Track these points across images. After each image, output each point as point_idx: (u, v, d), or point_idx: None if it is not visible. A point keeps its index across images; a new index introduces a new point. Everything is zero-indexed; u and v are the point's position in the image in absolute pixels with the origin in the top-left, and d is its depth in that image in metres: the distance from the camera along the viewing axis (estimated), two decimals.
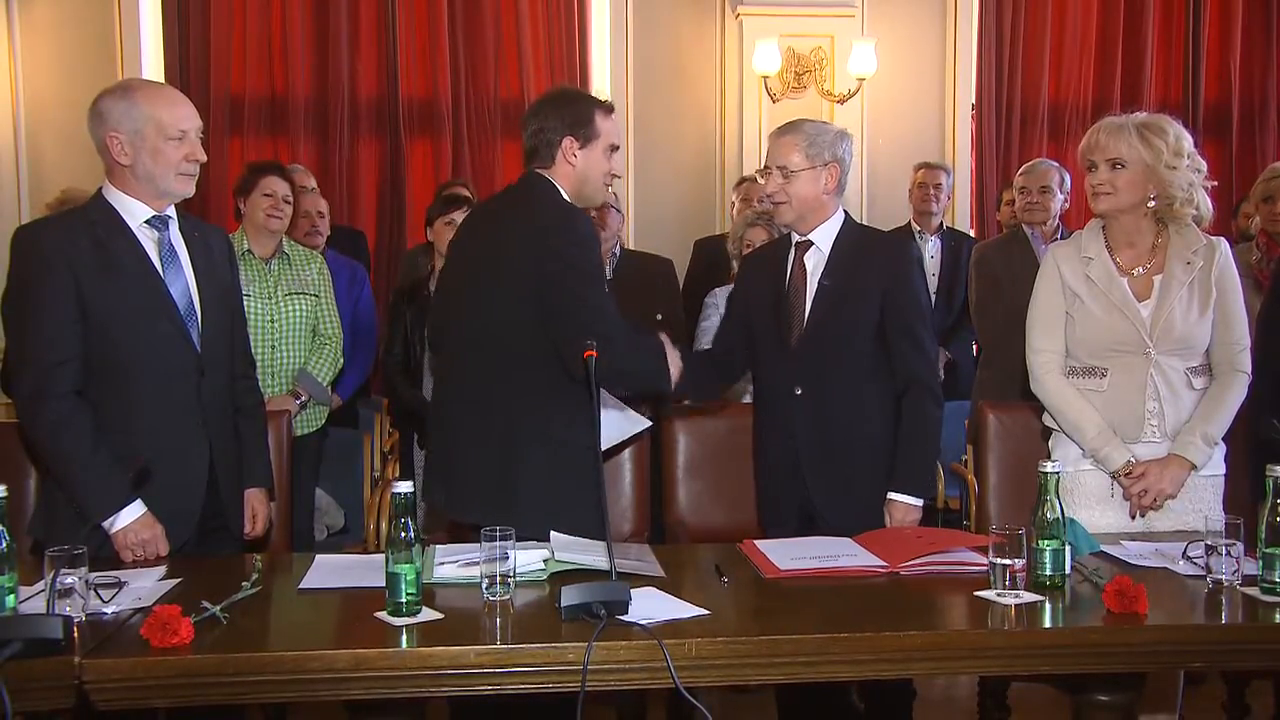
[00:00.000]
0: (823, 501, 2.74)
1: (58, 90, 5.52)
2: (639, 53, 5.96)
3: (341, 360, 3.85)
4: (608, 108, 2.62)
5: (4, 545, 1.83)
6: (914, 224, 5.04)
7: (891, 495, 2.72)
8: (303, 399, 3.67)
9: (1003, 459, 3.09)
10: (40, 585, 1.91)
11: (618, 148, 2.64)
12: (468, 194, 4.41)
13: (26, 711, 1.71)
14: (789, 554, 2.38)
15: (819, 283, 2.77)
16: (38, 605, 1.88)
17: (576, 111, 2.56)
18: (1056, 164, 4.34)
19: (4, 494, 1.86)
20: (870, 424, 2.75)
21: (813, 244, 2.79)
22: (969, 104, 6.16)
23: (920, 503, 2.72)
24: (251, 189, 3.67)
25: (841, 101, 5.75)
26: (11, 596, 1.84)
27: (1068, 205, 4.33)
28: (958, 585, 2.17)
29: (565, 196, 2.57)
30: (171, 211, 2.46)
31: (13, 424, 2.56)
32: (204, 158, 2.45)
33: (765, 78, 5.73)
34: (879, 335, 2.74)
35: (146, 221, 2.42)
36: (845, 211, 2.84)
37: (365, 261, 4.81)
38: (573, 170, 2.58)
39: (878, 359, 2.75)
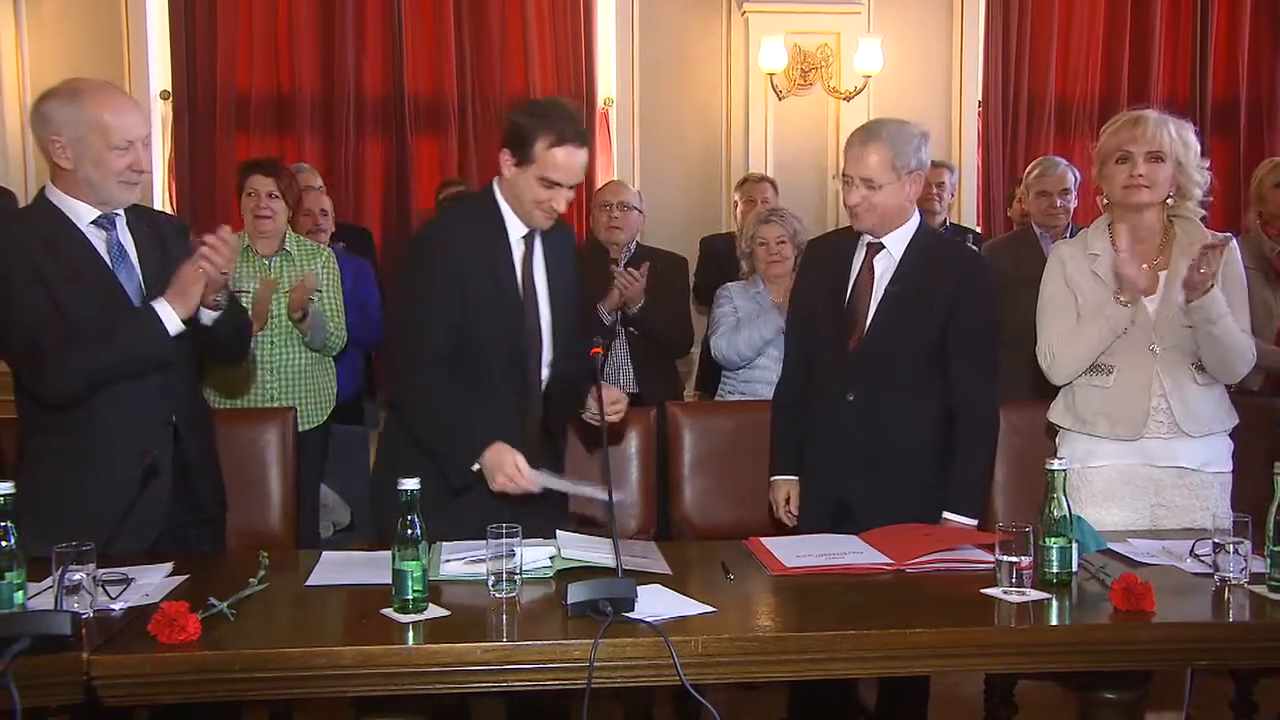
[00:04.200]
0: (863, 510, 2.64)
1: None
2: (644, 50, 5.96)
3: (341, 344, 3.83)
4: (567, 140, 2.43)
5: (11, 542, 1.83)
6: None
7: (947, 515, 2.64)
8: (301, 315, 3.59)
9: (1009, 457, 3.08)
10: (48, 582, 1.91)
11: (555, 184, 2.45)
12: (472, 191, 4.42)
13: (33, 707, 1.71)
14: (795, 551, 2.37)
15: (886, 288, 2.69)
16: (46, 602, 1.88)
17: (521, 130, 2.45)
18: (1067, 163, 4.32)
19: (10, 491, 1.86)
20: (918, 437, 2.69)
21: (884, 247, 2.72)
22: (975, 100, 6.15)
23: (975, 523, 2.65)
24: (239, 189, 3.68)
25: (848, 99, 5.74)
26: (20, 593, 1.84)
27: (1076, 203, 4.31)
28: (964, 582, 2.16)
29: (502, 207, 2.55)
30: (117, 210, 2.42)
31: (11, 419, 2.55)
32: (148, 168, 2.42)
33: (771, 75, 5.72)
34: (937, 348, 2.68)
35: (93, 222, 2.39)
36: (921, 214, 2.78)
37: (371, 259, 4.81)
38: (507, 182, 2.53)
39: (931, 372, 2.69)
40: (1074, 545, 2.12)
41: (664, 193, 5.52)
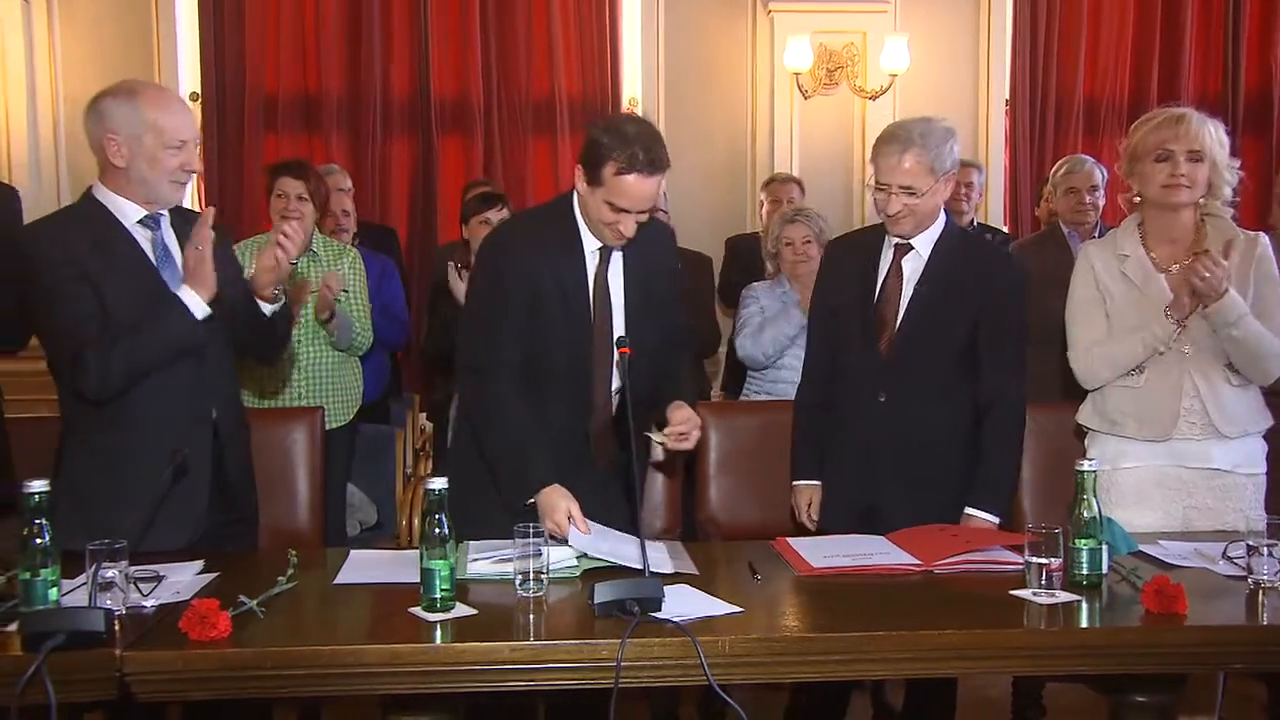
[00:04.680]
0: (893, 510, 2.63)
1: (96, 88, 5.57)
2: (670, 50, 5.96)
3: (368, 344, 3.85)
4: (636, 168, 2.35)
5: (46, 539, 1.85)
6: None
7: (971, 511, 2.62)
8: (328, 315, 3.61)
9: (1037, 458, 3.05)
10: (82, 579, 1.93)
11: (623, 209, 2.39)
12: (500, 192, 4.43)
13: (67, 703, 1.72)
14: (822, 552, 2.37)
15: (916, 288, 2.68)
16: (80, 598, 1.89)
17: (594, 149, 2.40)
18: (1094, 160, 4.29)
19: (45, 488, 1.88)
20: (949, 437, 2.69)
21: (913, 248, 2.70)
22: (1003, 99, 6.11)
23: (998, 521, 2.64)
24: (269, 191, 3.70)
25: (874, 98, 5.72)
26: (54, 590, 1.86)
27: (1104, 202, 4.27)
28: (993, 584, 2.15)
29: (578, 219, 2.51)
30: (163, 209, 2.45)
31: (54, 418, 2.58)
32: (199, 168, 2.44)
33: (797, 74, 5.71)
34: (967, 348, 2.67)
35: (140, 221, 2.42)
36: (946, 213, 2.75)
37: (397, 258, 4.83)
38: (581, 197, 2.49)
39: (961, 371, 2.68)
40: (1104, 547, 2.11)
41: (689, 193, 5.52)
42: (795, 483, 2.87)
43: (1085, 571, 2.08)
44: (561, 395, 2.53)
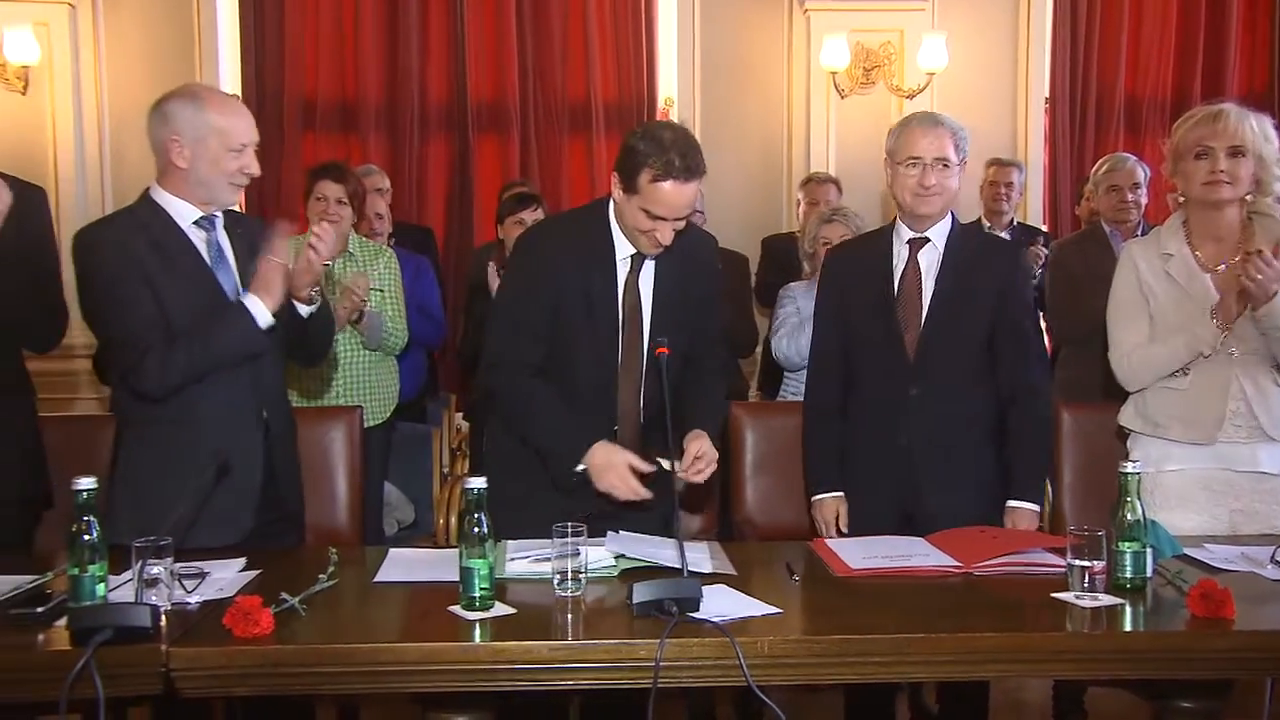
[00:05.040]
0: (936, 505, 2.64)
1: (140, 95, 5.62)
2: (705, 50, 5.95)
3: (403, 343, 3.87)
4: (672, 174, 2.35)
5: (94, 535, 1.88)
6: (984, 220, 4.96)
7: (1016, 504, 2.65)
8: (357, 316, 3.63)
9: (1078, 460, 3.03)
10: (128, 575, 1.96)
11: (659, 217, 2.40)
12: (535, 192, 4.44)
13: (114, 697, 1.75)
14: (860, 553, 2.36)
15: (935, 282, 2.69)
16: (126, 594, 1.92)
17: (630, 156, 2.40)
18: (1136, 158, 4.23)
19: (93, 485, 1.90)
20: (978, 428, 2.71)
21: (929, 241, 2.72)
22: (1042, 98, 6.03)
23: (1039, 509, 2.67)
24: (308, 194, 3.72)
25: (911, 96, 5.68)
26: (101, 585, 1.89)
27: (1147, 200, 4.22)
28: (1034, 586, 2.13)
29: (611, 225, 2.52)
30: (218, 211, 2.50)
31: (100, 417, 2.62)
32: (258, 172, 2.48)
33: (833, 73, 5.68)
34: (990, 338, 2.69)
35: (195, 222, 2.46)
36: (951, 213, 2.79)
37: (434, 259, 4.86)
38: (616, 204, 2.49)
39: (984, 362, 2.70)
40: (1149, 550, 2.08)
41: (725, 193, 5.50)
42: (819, 497, 2.82)
43: (1129, 574, 2.05)
44: (586, 400, 2.54)
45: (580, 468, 2.41)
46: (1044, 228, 5.78)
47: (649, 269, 2.55)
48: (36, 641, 1.82)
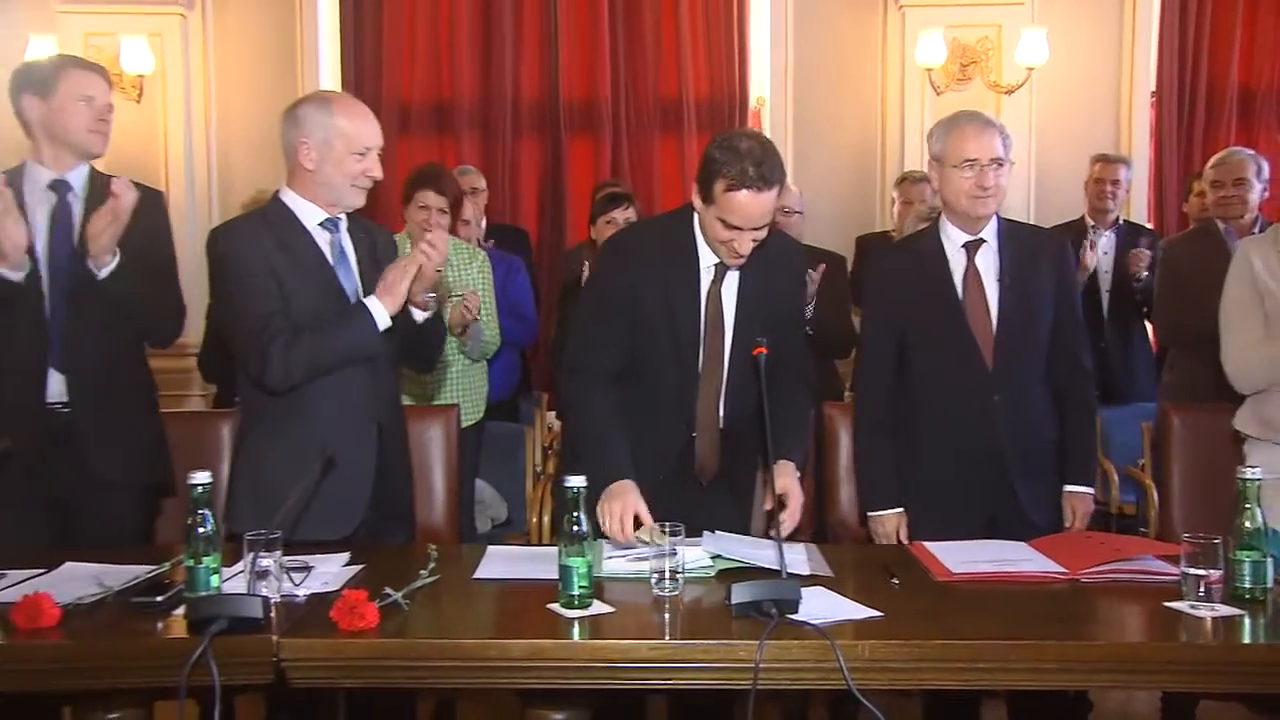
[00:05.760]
0: (1031, 505, 2.64)
1: (245, 101, 5.86)
2: (799, 48, 5.91)
3: (496, 347, 3.92)
4: (746, 184, 2.32)
5: (209, 528, 1.94)
6: (1088, 218, 4.82)
7: (1076, 488, 2.69)
8: (462, 329, 3.68)
9: (1188, 464, 2.94)
10: (239, 566, 2.02)
11: (736, 227, 2.37)
12: (627, 192, 4.46)
13: (227, 685, 1.79)
14: (962, 557, 2.32)
15: (999, 283, 2.66)
16: (237, 585, 1.98)
17: (707, 166, 2.38)
18: (1252, 152, 4.06)
19: (208, 480, 1.97)
20: (1051, 421, 2.72)
21: (985, 241, 2.69)
22: (1148, 91, 5.84)
23: (1093, 492, 2.76)
24: (409, 200, 3.78)
25: (1009, 92, 5.56)
26: (215, 576, 1.95)
27: (1266, 195, 4.05)
28: (1145, 595, 2.07)
29: (696, 234, 2.51)
30: (342, 213, 2.57)
31: (213, 414, 2.70)
32: (380, 175, 2.54)
33: (929, 70, 5.59)
34: (1053, 329, 2.70)
35: (320, 223, 2.54)
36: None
37: (528, 259, 4.91)
38: (698, 216, 2.49)
39: (1044, 356, 2.71)
40: (1269, 560, 2.00)
41: (818, 192, 5.45)
42: (880, 513, 2.77)
43: (1248, 585, 1.98)
44: (665, 407, 2.56)
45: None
46: (1149, 226, 5.61)
47: (733, 278, 2.54)
48: (155, 629, 1.89)
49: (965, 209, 2.64)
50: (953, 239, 2.71)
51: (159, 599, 1.95)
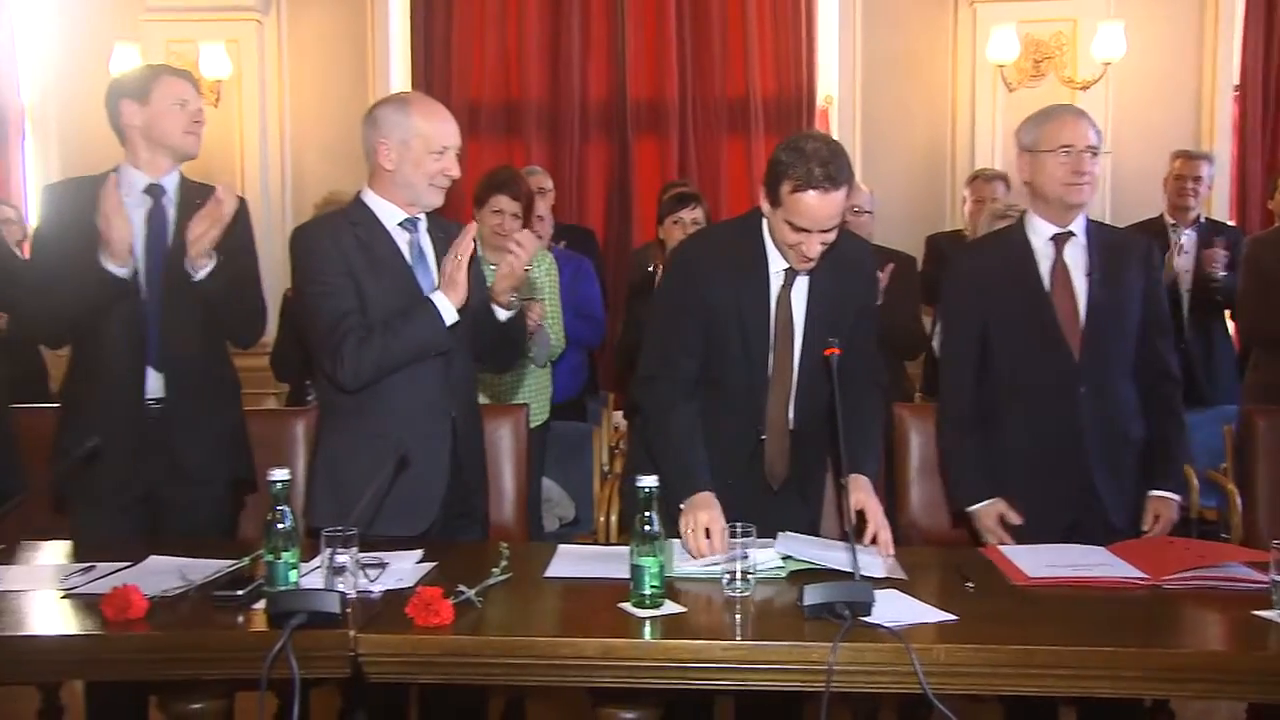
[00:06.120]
0: (1112, 507, 2.61)
1: (317, 105, 5.97)
2: (868, 45, 5.86)
3: (561, 348, 3.93)
4: (813, 185, 2.29)
5: (288, 524, 1.98)
6: (1167, 216, 4.71)
7: (1162, 493, 2.62)
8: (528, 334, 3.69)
9: (1273, 469, 2.85)
10: (316, 561, 2.06)
11: (804, 230, 2.35)
12: (695, 192, 4.45)
13: (305, 678, 1.83)
14: (1039, 561, 2.28)
15: (1087, 277, 2.64)
16: (315, 581, 2.01)
17: (773, 168, 2.37)
18: None
19: (287, 477, 2.01)
20: (1136, 419, 2.67)
21: (1073, 235, 2.66)
22: (1230, 85, 5.69)
23: (1179, 498, 2.67)
24: (483, 203, 3.81)
25: (1085, 88, 5.45)
26: (294, 571, 1.99)
27: None
28: (1231, 602, 2.01)
29: (765, 238, 2.50)
30: (421, 213, 2.61)
31: (288, 411, 2.75)
32: (458, 174, 2.57)
33: (1001, 66, 5.51)
34: (1140, 325, 2.66)
35: (399, 223, 2.58)
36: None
37: (596, 259, 4.92)
38: (766, 219, 2.48)
39: (1133, 353, 2.67)
40: None
41: (887, 191, 5.39)
42: (977, 506, 2.72)
43: None
44: (734, 410, 2.55)
45: (683, 506, 2.39)
46: (1230, 222, 5.46)
47: (803, 281, 2.52)
48: (236, 623, 1.93)
49: (1060, 196, 2.61)
50: (1040, 232, 2.68)
51: (240, 593, 2.00)
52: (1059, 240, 2.66)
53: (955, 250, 3.11)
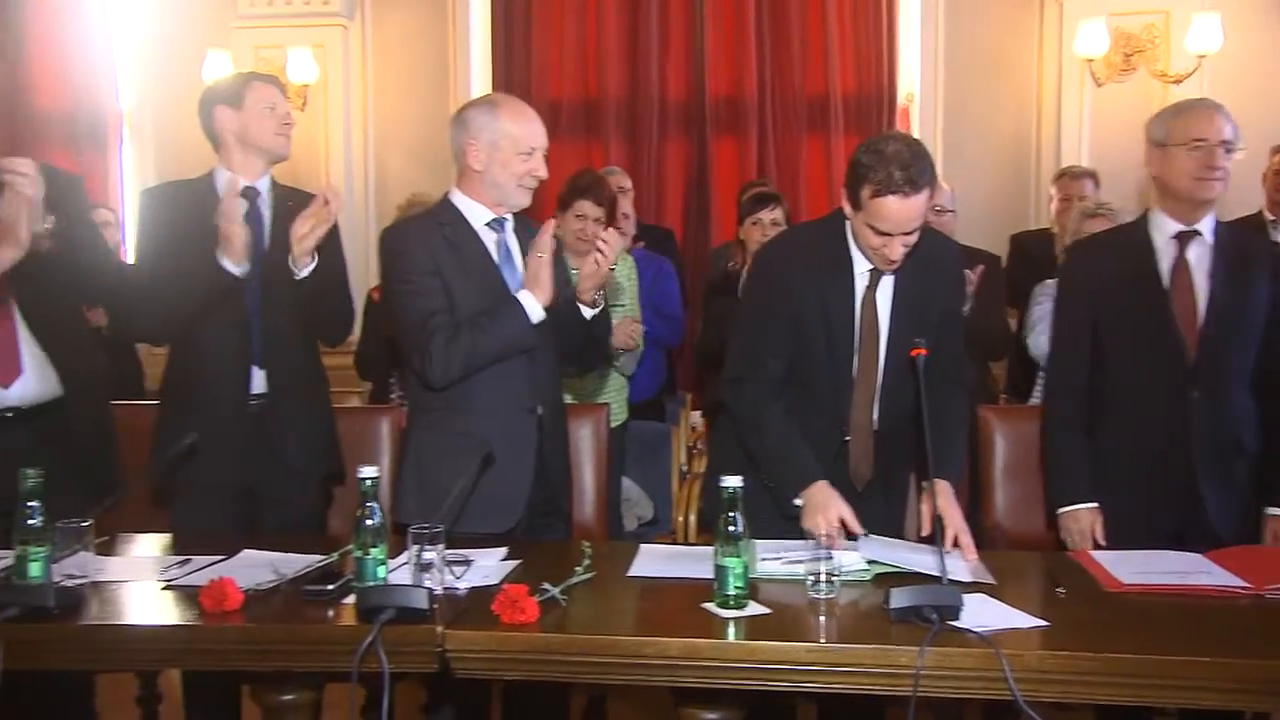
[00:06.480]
0: (1218, 519, 2.53)
1: (400, 107, 6.07)
2: (950, 41, 5.78)
3: (640, 351, 3.93)
4: (893, 188, 2.27)
5: (376, 520, 2.02)
6: (1266, 213, 4.55)
7: (1277, 511, 2.53)
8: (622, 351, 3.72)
9: None
10: (403, 557, 2.09)
11: (885, 233, 2.34)
12: (774, 192, 4.42)
13: (394, 673, 1.86)
14: (1133, 567, 2.22)
15: (1209, 278, 2.56)
16: (402, 577, 2.05)
17: (854, 171, 2.35)
18: None
19: (376, 474, 2.05)
20: (1249, 430, 2.58)
21: (1199, 234, 2.59)
22: None
23: None
24: (567, 207, 3.82)
25: (1178, 82, 5.31)
26: (382, 567, 2.02)
27: None
28: None
29: (849, 240, 2.48)
30: (508, 213, 2.64)
31: (373, 409, 2.80)
32: (545, 175, 2.60)
33: (1089, 61, 5.38)
34: (1264, 331, 2.57)
35: (487, 223, 2.62)
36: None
37: (675, 259, 4.92)
38: (849, 221, 2.46)
39: (1253, 363, 2.58)
40: None
41: (971, 189, 5.31)
42: (1072, 509, 2.66)
43: None
44: (819, 411, 2.53)
45: (798, 501, 2.39)
46: None
47: (888, 281, 2.50)
48: (327, 617, 1.96)
49: (1189, 191, 2.55)
50: (1164, 229, 2.62)
51: (330, 588, 2.03)
52: (1183, 238, 2.59)
53: (1071, 246, 3.03)
